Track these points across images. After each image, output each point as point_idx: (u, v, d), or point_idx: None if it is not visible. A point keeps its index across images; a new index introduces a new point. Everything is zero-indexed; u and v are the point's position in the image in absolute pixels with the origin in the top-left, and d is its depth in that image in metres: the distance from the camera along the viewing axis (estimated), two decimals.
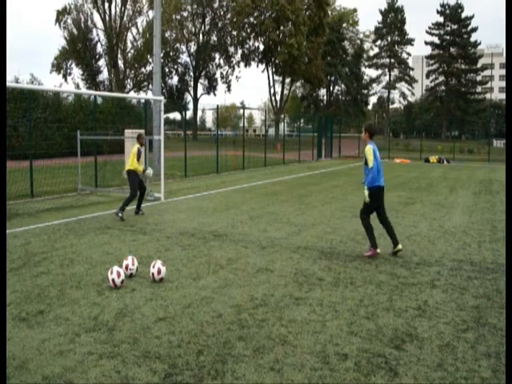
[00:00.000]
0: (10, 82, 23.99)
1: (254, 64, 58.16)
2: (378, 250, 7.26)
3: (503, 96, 78.04)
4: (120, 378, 3.63)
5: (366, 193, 7.17)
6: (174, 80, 61.99)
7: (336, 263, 6.83)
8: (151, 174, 11.02)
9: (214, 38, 58.92)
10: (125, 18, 54.81)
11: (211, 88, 62.22)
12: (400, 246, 7.33)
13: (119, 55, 56.01)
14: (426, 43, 77.48)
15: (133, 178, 10.26)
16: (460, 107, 72.87)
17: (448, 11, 75.05)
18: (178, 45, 58.88)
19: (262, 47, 54.68)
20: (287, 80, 58.96)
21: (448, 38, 75.42)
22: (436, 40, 76.77)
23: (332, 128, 38.48)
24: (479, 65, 75.93)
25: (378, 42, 77.27)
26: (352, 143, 43.19)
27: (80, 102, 29.85)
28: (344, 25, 72.11)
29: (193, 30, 59.09)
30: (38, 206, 11.37)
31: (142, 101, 24.84)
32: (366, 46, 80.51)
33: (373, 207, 7.32)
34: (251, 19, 52.37)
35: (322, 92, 72.84)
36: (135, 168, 10.24)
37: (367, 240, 7.33)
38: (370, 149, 7.13)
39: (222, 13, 57.43)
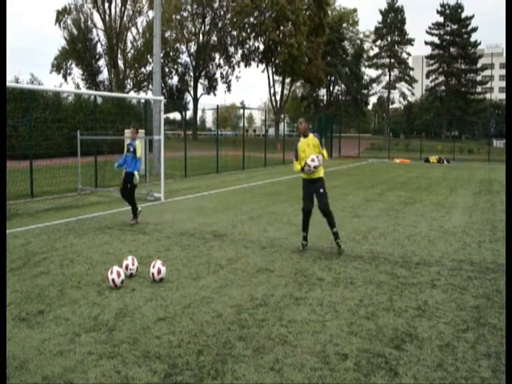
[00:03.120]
0: (10, 82, 23.99)
1: (254, 64, 58.20)
2: (134, 222, 9.44)
3: (503, 96, 78.03)
4: (120, 378, 3.63)
5: (137, 175, 9.43)
6: (174, 80, 62.09)
7: (336, 263, 6.83)
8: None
9: (214, 38, 58.94)
10: (125, 18, 54.91)
11: (211, 88, 62.24)
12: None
13: (119, 55, 56.07)
14: (426, 43, 77.47)
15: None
16: (460, 107, 72.85)
17: (448, 11, 75.05)
18: (178, 45, 58.90)
19: (262, 47, 54.71)
20: (287, 80, 58.95)
21: (448, 37, 75.42)
22: (436, 40, 76.77)
23: (332, 128, 38.48)
24: (479, 65, 75.93)
25: (378, 42, 77.27)
26: (352, 143, 43.19)
27: (80, 102, 29.88)
28: (344, 25, 72.19)
29: (193, 30, 59.10)
30: (38, 206, 11.37)
31: (142, 101, 24.84)
32: (366, 46, 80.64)
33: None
34: (251, 19, 52.38)
35: (322, 92, 72.93)
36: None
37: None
38: (139, 144, 9.65)
39: (221, 13, 57.43)
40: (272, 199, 13.22)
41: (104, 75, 61.07)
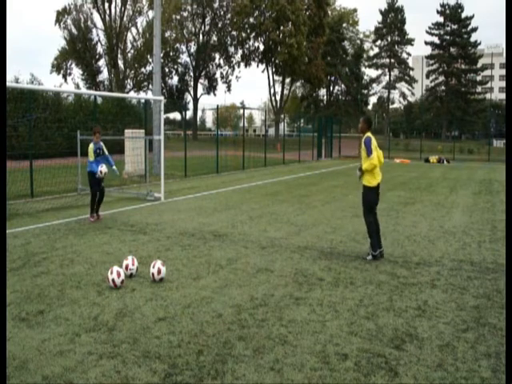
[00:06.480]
0: (10, 81, 23.99)
1: (254, 64, 58.24)
2: (93, 219, 9.67)
3: (503, 96, 78.05)
4: (120, 378, 3.63)
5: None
6: (174, 80, 62.14)
7: (336, 263, 6.83)
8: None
9: (214, 38, 58.96)
10: (125, 18, 54.90)
11: (211, 88, 62.25)
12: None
13: (119, 55, 56.05)
14: (426, 43, 77.49)
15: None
16: (460, 107, 72.85)
17: (448, 11, 75.08)
18: (177, 45, 58.89)
19: (262, 47, 54.72)
20: (287, 80, 58.97)
21: (448, 37, 75.45)
22: (436, 40, 76.81)
23: (332, 128, 38.47)
24: (479, 65, 75.94)
25: (378, 42, 77.20)
26: (352, 143, 43.15)
27: (80, 101, 29.87)
28: (344, 25, 72.14)
29: (193, 30, 59.11)
30: (38, 206, 11.36)
31: (142, 101, 24.84)
32: (366, 46, 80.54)
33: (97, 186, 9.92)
34: (251, 19, 52.39)
35: (322, 92, 72.93)
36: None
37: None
38: (91, 148, 9.90)
39: (222, 13, 57.45)
40: (272, 199, 13.22)
41: (104, 75, 61.21)
